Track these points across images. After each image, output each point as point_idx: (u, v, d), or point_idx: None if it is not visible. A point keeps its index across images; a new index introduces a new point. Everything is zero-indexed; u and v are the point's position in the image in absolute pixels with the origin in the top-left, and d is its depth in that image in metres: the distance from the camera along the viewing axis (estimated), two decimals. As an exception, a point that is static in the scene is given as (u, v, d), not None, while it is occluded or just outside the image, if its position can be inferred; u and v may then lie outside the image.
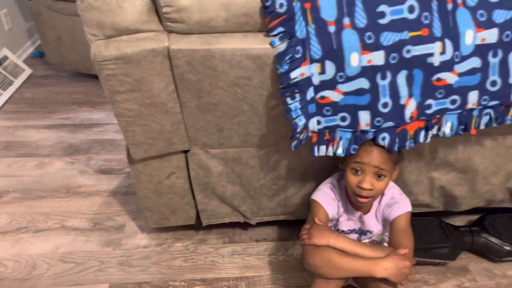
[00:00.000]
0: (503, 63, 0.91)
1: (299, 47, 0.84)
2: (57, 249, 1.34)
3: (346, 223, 1.09)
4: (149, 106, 0.98)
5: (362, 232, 1.10)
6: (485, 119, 0.98)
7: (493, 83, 0.93)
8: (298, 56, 0.85)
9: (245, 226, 1.42)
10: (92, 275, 1.26)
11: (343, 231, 1.10)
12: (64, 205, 1.52)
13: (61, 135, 1.94)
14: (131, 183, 1.62)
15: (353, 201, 1.02)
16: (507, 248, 1.24)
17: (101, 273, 1.26)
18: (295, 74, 0.86)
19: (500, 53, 0.89)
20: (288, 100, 0.89)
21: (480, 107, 0.96)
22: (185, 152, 1.15)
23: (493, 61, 0.90)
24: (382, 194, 1.05)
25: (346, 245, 0.93)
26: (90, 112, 2.15)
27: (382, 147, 0.94)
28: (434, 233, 1.26)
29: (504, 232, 1.26)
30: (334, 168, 1.18)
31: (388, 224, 1.04)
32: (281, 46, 0.86)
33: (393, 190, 1.06)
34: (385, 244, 1.13)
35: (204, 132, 1.07)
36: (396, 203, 1.03)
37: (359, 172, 0.95)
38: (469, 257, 1.31)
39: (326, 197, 1.05)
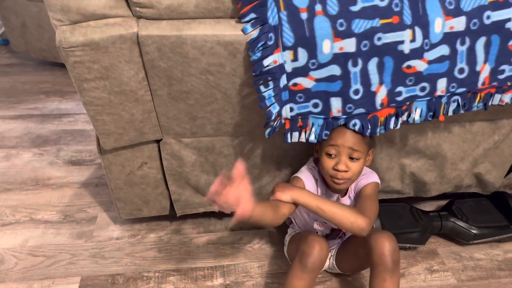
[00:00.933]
0: (471, 50, 0.93)
1: (271, 34, 0.84)
2: (26, 242, 1.30)
3: None
4: (119, 94, 0.96)
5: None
6: (453, 106, 1.00)
7: (461, 71, 0.95)
8: (270, 43, 0.84)
9: (219, 215, 1.41)
10: (63, 268, 1.23)
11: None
12: (32, 197, 1.48)
13: (29, 126, 1.88)
14: (103, 174, 1.58)
15: (331, 185, 1.04)
16: (474, 231, 1.28)
17: (73, 266, 1.24)
18: (268, 62, 0.85)
19: (467, 41, 0.91)
20: (262, 88, 0.89)
21: (448, 94, 0.98)
22: (157, 141, 1.13)
23: (461, 49, 0.92)
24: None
25: (309, 199, 0.94)
26: (59, 102, 2.08)
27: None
28: (405, 219, 1.29)
29: (471, 216, 1.30)
30: (308, 156, 1.18)
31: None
32: (253, 33, 0.85)
33: (366, 169, 1.10)
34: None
35: (176, 121, 1.05)
36: (364, 175, 1.07)
37: (334, 155, 0.97)
38: (438, 241, 1.35)
39: (307, 175, 1.08)
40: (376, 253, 0.96)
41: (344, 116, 0.94)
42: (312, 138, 0.98)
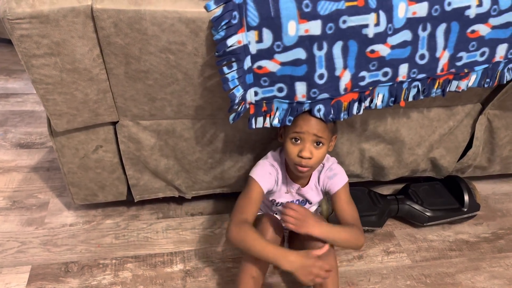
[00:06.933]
0: (431, 37, 0.94)
1: (235, 13, 0.80)
2: (-31, 231, 1.22)
3: (285, 196, 1.10)
4: (71, 73, 0.89)
5: (300, 202, 1.12)
6: (413, 92, 1.02)
7: (422, 57, 0.96)
8: (234, 22, 0.81)
9: (179, 200, 1.38)
10: (11, 257, 1.16)
11: (281, 203, 1.11)
12: (-24, 183, 1.38)
13: (-29, 106, 1.74)
14: (55, 158, 1.50)
15: (294, 172, 1.03)
16: (428, 214, 1.33)
17: (22, 254, 1.17)
18: (232, 41, 0.82)
19: (429, 27, 0.92)
20: (225, 69, 0.86)
21: (409, 80, 0.99)
22: (114, 123, 1.07)
23: (422, 34, 0.93)
24: (322, 165, 1.07)
25: (324, 233, 0.97)
26: (5, 80, 1.94)
27: None
28: (363, 202, 1.32)
29: (426, 199, 1.35)
30: (271, 140, 1.17)
31: (326, 193, 1.09)
32: (217, 10, 0.81)
33: (332, 161, 1.10)
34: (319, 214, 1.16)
35: (134, 102, 1.00)
36: (335, 175, 1.07)
37: (299, 142, 0.96)
38: (394, 223, 1.39)
39: (261, 172, 1.04)
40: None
41: (309, 101, 0.93)
42: (276, 122, 0.97)
